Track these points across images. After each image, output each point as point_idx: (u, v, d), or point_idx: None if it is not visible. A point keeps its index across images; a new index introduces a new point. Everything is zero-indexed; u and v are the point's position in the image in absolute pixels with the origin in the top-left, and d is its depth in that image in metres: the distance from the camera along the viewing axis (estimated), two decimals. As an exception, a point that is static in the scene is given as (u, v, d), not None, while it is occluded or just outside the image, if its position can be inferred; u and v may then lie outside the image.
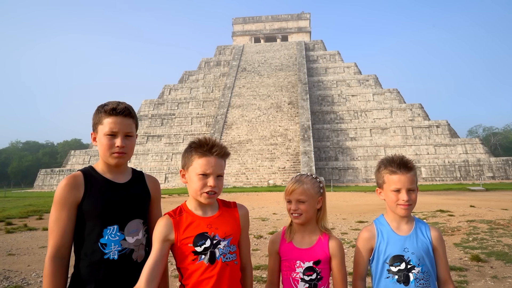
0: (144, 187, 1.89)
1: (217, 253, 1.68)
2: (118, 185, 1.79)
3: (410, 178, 1.86)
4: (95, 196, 1.72)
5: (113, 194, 1.75)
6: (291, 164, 33.59)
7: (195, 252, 1.66)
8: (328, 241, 1.91)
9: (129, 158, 1.84)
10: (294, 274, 1.87)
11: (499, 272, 5.09)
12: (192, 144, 1.76)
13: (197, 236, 1.68)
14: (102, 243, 1.70)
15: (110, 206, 1.72)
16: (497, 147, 66.55)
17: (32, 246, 7.65)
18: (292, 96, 42.77)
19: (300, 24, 61.57)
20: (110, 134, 1.74)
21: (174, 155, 39.25)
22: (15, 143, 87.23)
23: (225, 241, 1.72)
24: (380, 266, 1.85)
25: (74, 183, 1.71)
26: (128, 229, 1.75)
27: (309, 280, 1.85)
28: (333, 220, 10.68)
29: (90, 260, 1.70)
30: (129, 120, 1.79)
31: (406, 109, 41.54)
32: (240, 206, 1.87)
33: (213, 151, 1.72)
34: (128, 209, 1.77)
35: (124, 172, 1.86)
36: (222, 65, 51.87)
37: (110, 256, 1.70)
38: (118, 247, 1.72)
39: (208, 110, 44.00)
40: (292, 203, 1.90)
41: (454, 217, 10.60)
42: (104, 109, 1.76)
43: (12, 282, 5.09)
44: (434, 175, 35.28)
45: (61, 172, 39.89)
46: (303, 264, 1.86)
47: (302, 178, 1.94)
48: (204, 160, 1.70)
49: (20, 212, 14.25)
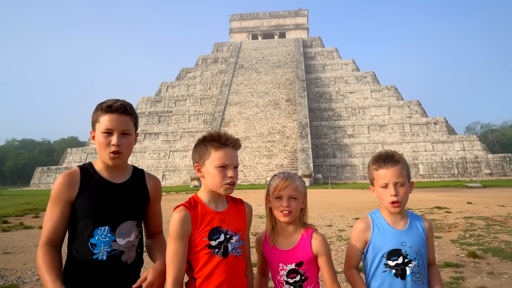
0: (143, 187, 1.86)
1: (229, 247, 1.71)
2: (114, 185, 1.77)
3: (397, 171, 1.81)
4: (89, 195, 1.70)
5: (108, 194, 1.73)
6: (289, 161, 33.60)
7: (209, 246, 1.68)
8: (310, 238, 1.85)
9: (127, 157, 1.80)
10: (279, 277, 1.85)
11: (495, 268, 5.10)
12: (206, 138, 1.78)
13: (212, 230, 1.70)
14: (92, 243, 1.69)
15: (102, 206, 1.70)
16: (495, 144, 66.82)
17: (28, 245, 7.60)
18: (290, 93, 42.72)
19: (297, 20, 61.40)
20: (106, 132, 1.72)
21: (171, 153, 39.18)
22: (11, 141, 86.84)
23: (236, 236, 1.76)
24: (377, 260, 1.83)
25: (69, 180, 1.70)
26: (120, 230, 1.73)
27: (293, 282, 1.81)
28: (330, 217, 10.69)
29: (79, 259, 1.70)
30: (126, 118, 1.76)
31: (404, 106, 41.59)
32: (246, 203, 1.92)
33: (229, 143, 1.75)
34: (122, 210, 1.74)
35: (123, 171, 1.83)
36: (219, 62, 51.71)
37: (99, 257, 1.69)
38: (107, 248, 1.70)
39: (205, 107, 43.90)
40: (284, 200, 1.84)
41: (451, 213, 10.63)
42: (101, 107, 1.75)
43: (8, 280, 5.05)
44: (431, 172, 35.39)
45: (58, 170, 39.74)
46: (286, 267, 1.83)
47: (291, 175, 1.90)
48: (222, 152, 1.73)
49: (16, 210, 14.19)
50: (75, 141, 77.78)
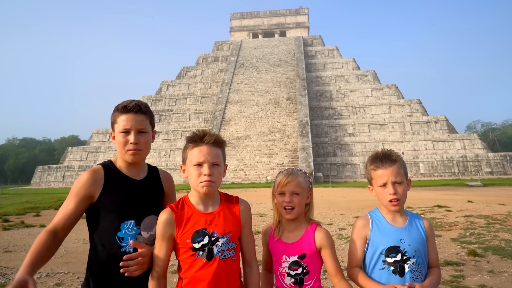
0: (158, 183, 1.94)
1: (215, 250, 1.69)
2: (135, 181, 1.85)
3: (395, 170, 1.85)
4: (114, 191, 1.78)
5: (131, 190, 1.82)
6: (289, 160, 33.61)
7: (193, 248, 1.68)
8: (314, 232, 1.88)
9: (146, 154, 1.88)
10: (281, 269, 1.87)
11: (495, 267, 5.10)
12: (187, 138, 1.81)
13: (195, 233, 1.69)
14: (119, 237, 1.76)
15: (128, 202, 1.78)
16: (495, 142, 66.75)
17: (29, 243, 7.62)
18: (291, 92, 42.69)
19: (298, 19, 61.31)
20: (123, 131, 1.80)
21: (172, 152, 39.22)
22: (11, 139, 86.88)
23: (223, 238, 1.72)
24: (375, 257, 1.85)
25: (95, 177, 1.77)
26: (144, 224, 1.81)
27: (295, 274, 1.84)
28: (331, 216, 10.70)
29: (107, 252, 1.76)
30: (142, 117, 1.83)
31: (405, 104, 41.55)
32: (242, 201, 1.88)
33: (204, 139, 1.75)
34: (144, 205, 1.83)
35: (141, 168, 1.92)
36: (220, 60, 51.67)
37: (127, 250, 1.76)
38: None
39: (206, 106, 43.90)
40: (286, 195, 1.88)
41: (452, 212, 10.63)
42: (117, 108, 1.84)
43: (9, 279, 5.07)
44: (432, 171, 35.38)
45: (58, 169, 39.79)
46: (289, 259, 1.85)
47: (295, 171, 1.94)
48: (197, 149, 1.73)
49: (17, 209, 14.20)
50: (76, 140, 77.79)
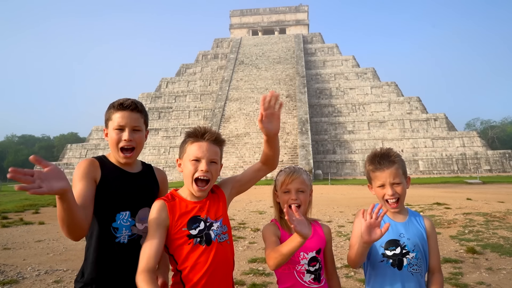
0: (154, 178, 1.98)
1: (212, 234, 1.69)
2: (130, 174, 1.87)
3: (393, 172, 1.84)
4: (110, 182, 1.79)
5: (127, 181, 1.84)
6: (289, 157, 33.63)
7: (189, 236, 1.67)
8: (321, 227, 1.93)
9: (138, 153, 1.89)
10: (299, 267, 1.81)
11: (494, 264, 5.12)
12: (187, 133, 1.82)
13: (190, 220, 1.69)
14: (114, 227, 1.77)
15: (123, 192, 1.80)
16: (495, 140, 66.85)
17: (28, 240, 7.61)
18: (290, 89, 42.64)
19: (298, 16, 61.14)
20: (118, 128, 1.81)
21: (171, 149, 39.18)
22: (10, 137, 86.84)
23: (217, 222, 1.73)
24: (375, 250, 1.86)
25: (94, 165, 1.79)
26: (139, 216, 1.83)
27: (314, 270, 1.81)
28: (330, 213, 10.71)
29: (102, 243, 1.76)
30: (136, 115, 1.85)
31: (404, 102, 41.53)
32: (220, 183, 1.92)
33: (205, 136, 1.76)
34: (139, 197, 1.85)
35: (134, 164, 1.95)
36: (219, 58, 51.55)
37: (121, 240, 1.78)
38: (128, 232, 1.80)
39: (205, 103, 43.84)
40: (292, 193, 1.86)
41: (451, 209, 10.65)
42: (113, 105, 1.86)
43: (8, 276, 5.07)
44: (431, 168, 35.42)
45: (58, 166, 39.64)
46: (307, 255, 1.82)
47: (298, 169, 1.93)
48: (196, 145, 1.74)
49: (16, 206, 14.18)
50: (75, 137, 77.74)
